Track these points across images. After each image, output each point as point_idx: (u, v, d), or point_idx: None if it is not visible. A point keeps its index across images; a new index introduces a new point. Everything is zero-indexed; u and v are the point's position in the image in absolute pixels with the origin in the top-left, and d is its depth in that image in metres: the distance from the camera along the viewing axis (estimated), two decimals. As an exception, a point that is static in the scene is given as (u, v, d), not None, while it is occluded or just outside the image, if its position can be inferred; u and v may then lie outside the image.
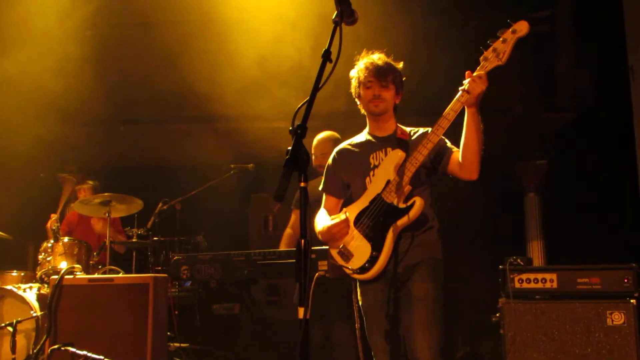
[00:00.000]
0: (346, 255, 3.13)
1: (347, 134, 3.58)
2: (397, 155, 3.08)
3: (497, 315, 4.20)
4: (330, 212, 3.31)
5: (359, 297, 3.27)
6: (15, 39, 6.19)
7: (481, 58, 2.88)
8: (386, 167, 3.09)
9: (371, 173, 3.15)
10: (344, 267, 3.13)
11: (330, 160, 3.40)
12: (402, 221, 2.98)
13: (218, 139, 7.20)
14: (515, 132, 6.65)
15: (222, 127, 7.25)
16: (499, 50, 2.85)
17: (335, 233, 3.11)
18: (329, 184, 3.38)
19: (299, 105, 2.24)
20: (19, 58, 6.20)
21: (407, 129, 3.26)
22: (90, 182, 6.59)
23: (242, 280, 4.71)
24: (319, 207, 3.41)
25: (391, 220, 3.00)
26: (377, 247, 3.02)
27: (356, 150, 3.28)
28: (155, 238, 6.01)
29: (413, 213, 2.98)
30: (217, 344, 5.89)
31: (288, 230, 5.14)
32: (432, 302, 3.05)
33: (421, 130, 3.22)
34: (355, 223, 3.11)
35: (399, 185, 2.99)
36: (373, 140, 3.25)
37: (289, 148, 2.14)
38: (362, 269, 3.06)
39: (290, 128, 2.18)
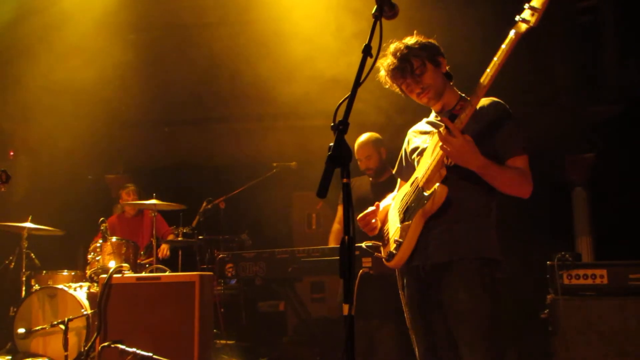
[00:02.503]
0: (384, 240, 2.97)
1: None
2: (440, 133, 2.70)
3: (546, 312, 4.13)
4: None
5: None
6: (66, 47, 6.36)
7: (517, 17, 2.55)
8: (430, 148, 2.81)
9: (423, 154, 2.88)
10: (377, 255, 2.99)
11: (404, 143, 3.13)
12: (425, 209, 2.69)
13: (261, 137, 7.25)
14: (561, 126, 6.50)
15: (265, 126, 7.29)
16: (535, 9, 2.48)
17: (363, 225, 2.96)
18: (400, 168, 3.13)
19: (340, 101, 2.23)
20: (69, 65, 6.37)
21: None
22: (132, 186, 6.73)
23: (287, 278, 4.73)
24: (361, 205, 3.33)
25: (418, 206, 2.73)
26: (402, 235, 2.78)
27: (423, 129, 3.02)
28: (200, 237, 6.09)
29: (431, 201, 2.66)
30: (263, 341, 5.93)
31: (336, 226, 5.15)
32: (471, 316, 2.65)
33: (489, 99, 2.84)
34: (399, 206, 2.91)
35: (435, 168, 2.73)
36: (433, 119, 2.99)
37: (331, 144, 2.13)
38: (389, 256, 2.85)
39: (332, 124, 2.17)
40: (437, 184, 2.67)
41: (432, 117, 3.02)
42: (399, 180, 3.18)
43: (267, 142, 7.12)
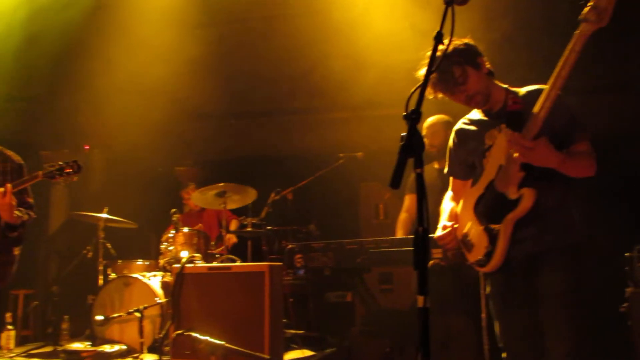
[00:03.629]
0: (467, 245, 2.94)
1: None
2: (507, 135, 2.72)
3: (625, 305, 3.97)
4: (456, 195, 3.15)
5: (486, 285, 3.05)
6: (135, 43, 6.51)
7: (580, 17, 2.48)
8: (498, 150, 2.80)
9: (487, 155, 2.87)
10: (463, 259, 2.99)
11: (450, 142, 3.18)
12: (513, 215, 2.70)
13: (327, 128, 7.26)
14: (637, 111, 6.23)
15: (331, 117, 7.29)
16: (600, 8, 2.40)
17: (442, 244, 3.01)
18: (452, 166, 3.18)
19: (412, 90, 2.19)
20: (139, 61, 6.52)
21: (521, 91, 2.88)
22: (192, 185, 6.87)
23: (355, 268, 4.72)
24: (429, 193, 3.29)
25: (503, 212, 2.73)
26: (492, 241, 2.78)
27: (472, 128, 3.01)
28: (268, 227, 6.15)
29: (521, 208, 2.68)
30: (331, 331, 5.95)
31: (403, 214, 5.12)
32: (567, 299, 2.67)
33: (533, 88, 2.83)
34: (474, 210, 2.91)
35: (509, 171, 2.72)
36: (486, 117, 2.95)
37: (403, 134, 2.10)
38: (479, 263, 2.87)
39: (404, 114, 2.14)
40: (525, 190, 2.68)
41: (479, 114, 2.99)
42: (451, 178, 3.21)
43: (333, 133, 7.11)
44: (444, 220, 3.07)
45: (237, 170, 7.47)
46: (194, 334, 4.42)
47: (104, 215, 6.01)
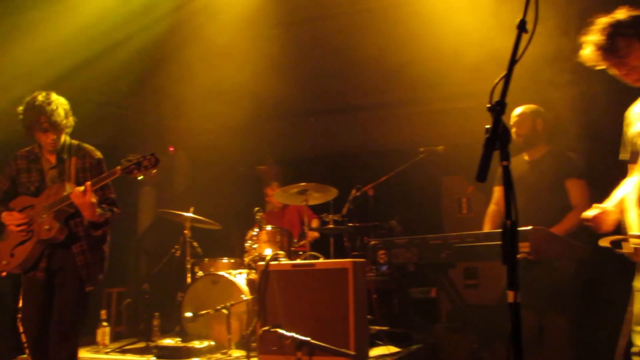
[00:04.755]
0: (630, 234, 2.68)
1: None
2: None
3: None
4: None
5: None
6: (214, 45, 6.67)
7: None
8: None
9: None
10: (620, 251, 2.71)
11: (625, 125, 2.88)
12: None
13: (406, 123, 7.19)
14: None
15: (411, 111, 7.22)
16: None
17: (594, 224, 2.75)
18: (631, 153, 2.83)
19: (496, 81, 2.13)
20: (218, 63, 6.68)
21: None
22: (275, 184, 6.95)
23: (440, 264, 4.65)
24: (518, 186, 3.14)
25: None
26: None
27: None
28: (350, 224, 6.15)
29: None
30: (416, 327, 5.90)
31: (492, 207, 5.03)
32: None
33: None
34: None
35: None
36: None
37: (488, 126, 2.05)
38: None
39: (489, 105, 2.08)
40: None
41: None
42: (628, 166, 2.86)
43: (413, 127, 7.04)
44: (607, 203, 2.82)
45: (318, 167, 7.53)
46: (280, 331, 4.46)
47: (190, 214, 6.17)
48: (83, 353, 5.68)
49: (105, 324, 6.02)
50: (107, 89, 6.99)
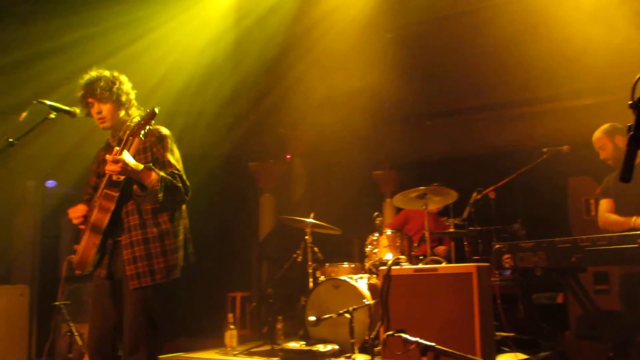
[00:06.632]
0: None
1: None
2: None
3: None
4: None
5: None
6: (330, 54, 6.80)
7: None
8: None
9: None
10: None
11: None
12: None
13: (528, 123, 6.99)
14: None
15: (531, 111, 7.01)
16: None
17: None
18: None
19: (638, 76, 2.04)
20: (333, 71, 6.80)
21: None
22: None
23: (569, 268, 4.47)
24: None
25: None
26: None
27: None
28: (471, 228, 6.04)
29: None
30: (543, 334, 5.69)
31: (606, 214, 4.79)
32: None
33: None
34: None
35: None
36: None
37: (630, 124, 1.96)
38: None
39: (630, 102, 1.99)
40: None
41: None
42: None
43: (534, 126, 6.84)
44: None
45: (436, 170, 7.45)
46: (404, 335, 4.44)
47: (311, 220, 6.28)
48: (212, 355, 5.94)
49: (232, 327, 6.24)
50: (226, 101, 7.28)
